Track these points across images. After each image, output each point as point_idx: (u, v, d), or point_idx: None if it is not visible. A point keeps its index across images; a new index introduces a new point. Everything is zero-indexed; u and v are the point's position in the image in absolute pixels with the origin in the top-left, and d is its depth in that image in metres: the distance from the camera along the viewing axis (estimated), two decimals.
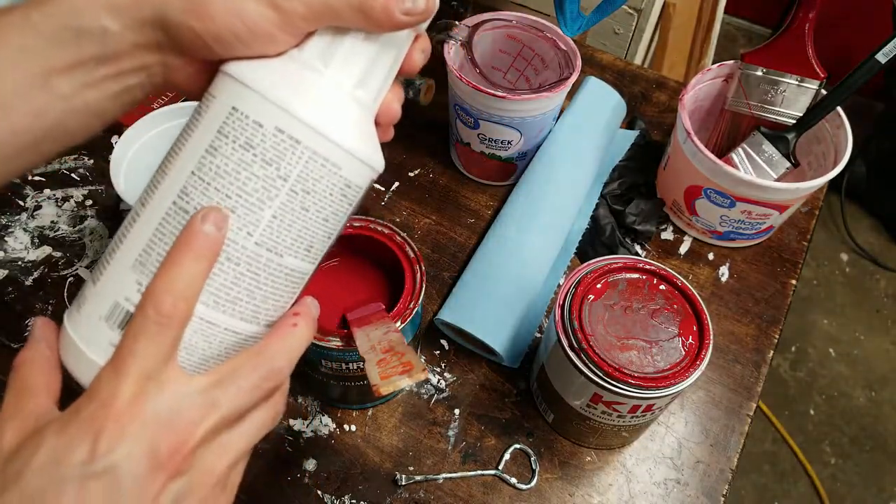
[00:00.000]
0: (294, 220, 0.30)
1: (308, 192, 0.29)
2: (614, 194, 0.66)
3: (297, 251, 0.30)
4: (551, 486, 0.51)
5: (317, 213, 0.30)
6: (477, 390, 0.55)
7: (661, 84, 0.77)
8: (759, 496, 1.30)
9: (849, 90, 0.56)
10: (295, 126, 0.28)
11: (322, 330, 0.44)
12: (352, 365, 0.46)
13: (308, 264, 0.32)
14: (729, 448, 0.53)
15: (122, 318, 0.28)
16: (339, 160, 0.30)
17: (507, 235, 0.58)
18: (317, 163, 0.29)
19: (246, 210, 0.29)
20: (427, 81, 0.69)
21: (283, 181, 0.29)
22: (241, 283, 0.29)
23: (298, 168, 0.29)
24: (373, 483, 0.50)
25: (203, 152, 0.29)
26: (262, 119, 0.28)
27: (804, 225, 0.67)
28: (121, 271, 0.29)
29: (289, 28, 0.28)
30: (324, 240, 0.32)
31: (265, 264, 0.30)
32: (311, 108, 0.29)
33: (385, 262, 0.50)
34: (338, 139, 0.29)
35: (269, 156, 0.28)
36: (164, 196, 0.29)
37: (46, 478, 0.24)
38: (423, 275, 0.47)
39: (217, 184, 0.28)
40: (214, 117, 0.29)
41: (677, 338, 0.45)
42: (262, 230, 0.29)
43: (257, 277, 0.30)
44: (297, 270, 0.31)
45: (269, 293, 0.30)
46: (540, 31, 0.62)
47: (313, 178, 0.29)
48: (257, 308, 0.30)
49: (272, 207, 0.29)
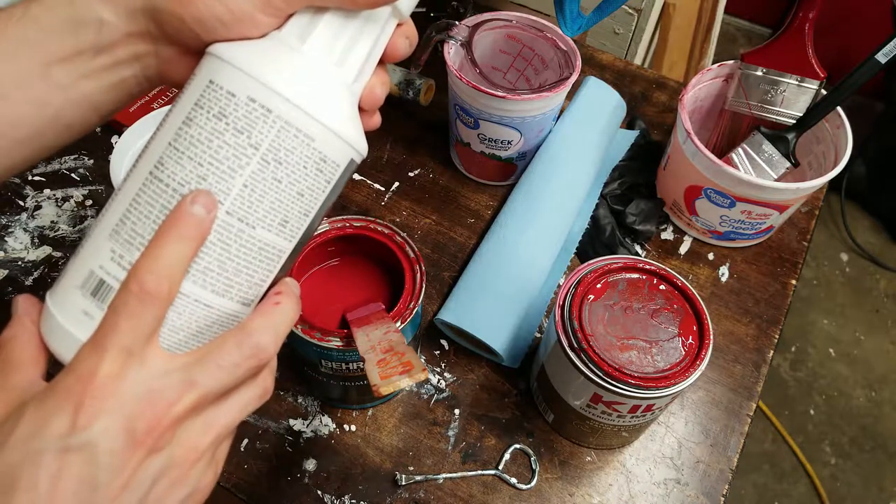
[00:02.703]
0: (266, 190, 0.30)
1: (280, 163, 0.29)
2: (614, 194, 0.66)
3: (270, 224, 0.30)
4: (551, 486, 0.51)
5: (290, 185, 0.30)
6: (477, 390, 0.55)
7: (661, 84, 0.77)
8: (759, 496, 1.30)
9: (849, 90, 0.56)
10: (267, 95, 0.29)
11: (322, 330, 0.44)
12: (352, 365, 0.46)
13: (283, 240, 0.31)
14: (729, 448, 0.53)
15: (96, 287, 0.29)
16: (312, 132, 0.30)
17: (507, 235, 0.58)
18: (289, 133, 0.29)
19: (217, 178, 0.29)
20: (427, 81, 0.69)
21: (255, 150, 0.29)
22: (211, 253, 0.29)
23: (270, 137, 0.29)
24: (373, 483, 0.50)
25: (180, 124, 0.29)
26: (234, 89, 0.29)
27: (804, 225, 0.67)
28: (97, 241, 0.29)
29: (269, 10, 0.29)
30: (300, 216, 0.31)
31: (236, 234, 0.30)
32: (283, 79, 0.29)
33: (385, 262, 0.50)
34: (310, 110, 0.29)
35: (241, 124, 0.29)
36: (143, 168, 0.30)
37: (24, 450, 0.24)
38: (423, 275, 0.47)
39: (190, 153, 0.29)
40: (193, 91, 0.29)
41: (677, 338, 0.45)
42: (233, 199, 0.29)
43: (228, 248, 0.30)
44: (271, 245, 0.31)
45: (241, 266, 0.30)
46: (540, 31, 0.62)
47: (285, 148, 0.29)
48: (230, 281, 0.30)
49: (243, 176, 0.29)
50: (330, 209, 0.34)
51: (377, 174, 0.67)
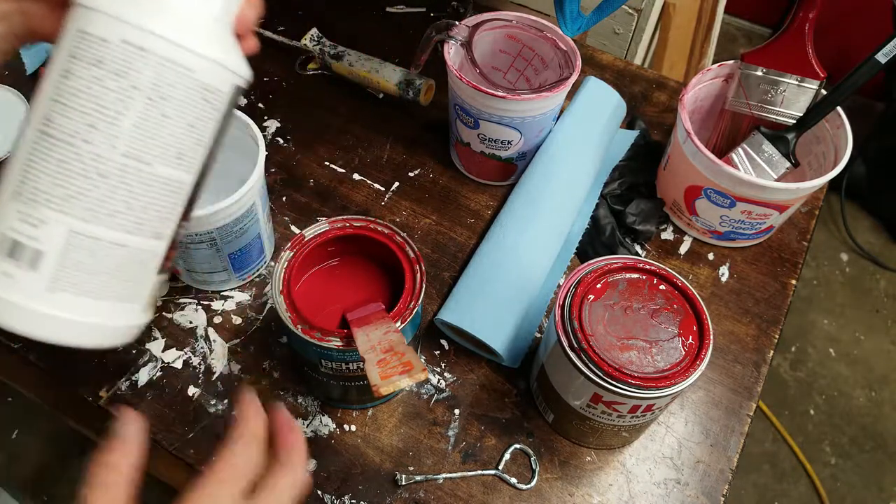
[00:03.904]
0: (157, 127, 0.30)
1: (165, 99, 0.30)
2: (614, 194, 0.66)
3: (167, 159, 0.31)
4: (551, 486, 0.51)
5: (179, 118, 0.31)
6: (477, 390, 0.55)
7: (661, 84, 0.77)
8: (760, 496, 1.30)
9: (849, 90, 0.56)
10: (138, 35, 0.29)
11: (322, 330, 0.44)
12: (352, 365, 0.46)
13: (183, 173, 0.32)
14: (729, 448, 0.53)
15: (10, 248, 0.30)
16: (189, 63, 0.30)
17: (507, 235, 0.58)
18: (167, 68, 0.30)
19: (106, 123, 0.30)
20: (427, 81, 0.69)
21: (137, 90, 0.30)
22: (116, 196, 0.30)
23: (150, 76, 0.30)
24: (373, 483, 0.50)
25: (59, 78, 0.30)
26: (106, 34, 0.29)
27: (804, 225, 0.67)
28: (2, 206, 0.31)
29: None
30: (194, 147, 0.32)
31: (136, 174, 0.31)
32: (153, 17, 0.30)
33: (385, 262, 0.50)
34: (184, 42, 0.30)
35: (119, 68, 0.29)
36: (32, 127, 0.30)
37: None
38: (423, 275, 0.47)
39: (74, 103, 0.29)
40: (66, 44, 0.30)
41: (677, 338, 0.45)
42: (126, 141, 0.30)
43: (131, 188, 0.31)
44: (172, 179, 0.32)
45: (148, 203, 0.31)
46: (540, 31, 0.62)
47: (167, 83, 0.30)
48: (139, 219, 0.31)
49: (131, 117, 0.30)
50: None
51: (377, 174, 0.67)
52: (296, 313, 0.45)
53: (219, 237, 0.51)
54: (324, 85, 0.74)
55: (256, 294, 0.58)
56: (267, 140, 0.69)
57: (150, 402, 0.53)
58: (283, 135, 0.70)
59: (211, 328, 0.56)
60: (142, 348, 0.55)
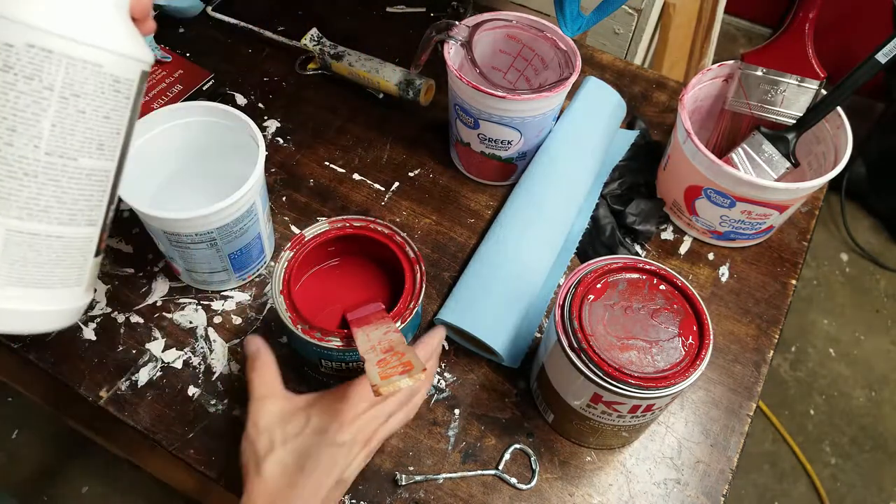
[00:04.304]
0: (75, 123, 0.32)
1: (79, 96, 0.31)
2: (614, 194, 0.66)
3: (89, 152, 0.33)
4: (551, 487, 0.51)
5: (95, 112, 0.32)
6: (477, 390, 0.55)
7: (661, 84, 0.77)
8: (760, 496, 1.30)
9: (849, 90, 0.56)
10: (43, 37, 0.30)
11: (322, 330, 0.44)
12: (352, 365, 0.46)
13: (106, 161, 0.34)
14: (729, 448, 0.53)
15: None
16: (97, 59, 0.31)
17: (507, 235, 0.58)
18: (76, 67, 0.31)
19: (26, 126, 0.30)
20: (427, 81, 0.69)
21: (50, 91, 0.30)
22: (46, 192, 0.32)
23: (61, 76, 0.31)
24: (373, 483, 0.50)
25: None
26: (11, 39, 0.30)
27: (804, 225, 0.67)
28: None
29: None
30: (113, 136, 0.34)
31: (62, 170, 0.32)
32: (54, 18, 0.30)
33: (385, 262, 0.50)
34: (89, 39, 0.31)
35: (29, 71, 0.30)
36: None
37: None
38: (423, 275, 0.47)
39: None
40: None
41: (677, 338, 0.45)
42: (48, 140, 0.31)
43: (59, 183, 0.32)
44: (97, 169, 0.33)
45: (78, 195, 0.33)
46: (540, 31, 0.62)
47: (78, 81, 0.31)
48: (72, 210, 0.33)
49: (49, 117, 0.31)
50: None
51: (377, 174, 0.67)
52: (296, 313, 0.45)
53: (219, 237, 0.51)
54: (324, 85, 0.74)
55: (256, 294, 0.58)
56: (267, 140, 0.69)
57: (149, 402, 0.53)
58: (283, 135, 0.70)
59: (211, 328, 0.56)
60: (142, 348, 0.55)
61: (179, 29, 0.78)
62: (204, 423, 0.52)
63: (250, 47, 0.77)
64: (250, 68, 0.75)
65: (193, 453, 0.51)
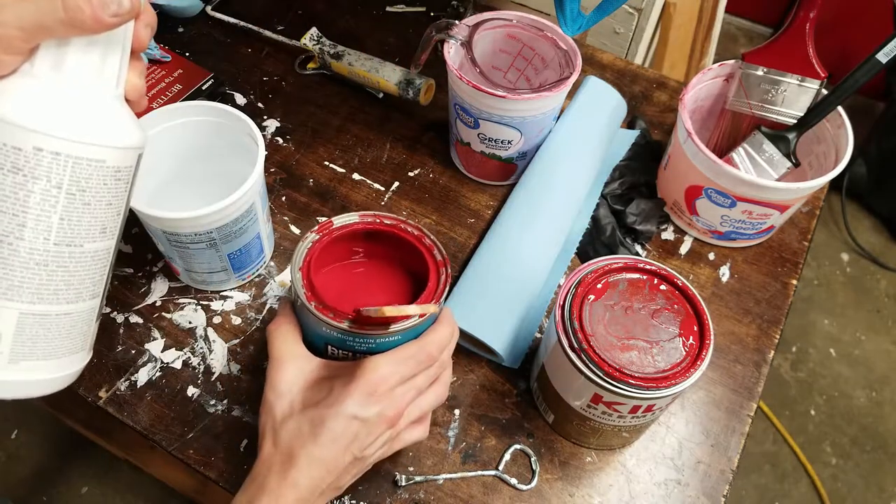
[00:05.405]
0: (81, 215, 0.34)
1: (84, 190, 0.33)
2: (615, 194, 0.65)
3: (93, 237, 0.35)
4: (551, 487, 0.51)
5: (98, 202, 0.34)
6: (477, 390, 0.55)
7: (662, 84, 0.77)
8: (760, 496, 1.30)
9: (849, 90, 0.56)
10: (49, 141, 0.32)
11: (335, 311, 0.44)
12: (358, 356, 0.46)
13: (108, 241, 0.36)
14: (729, 448, 0.53)
15: None
16: (101, 156, 0.33)
17: (507, 235, 0.58)
18: (81, 165, 0.33)
19: (35, 221, 0.33)
20: (427, 81, 0.69)
21: (58, 189, 0.33)
22: (56, 278, 0.34)
23: (67, 175, 0.33)
24: (373, 483, 0.50)
25: None
26: (19, 143, 0.32)
27: (805, 225, 0.67)
28: None
29: (11, 49, 0.31)
30: (114, 218, 0.36)
31: (69, 257, 0.34)
32: (58, 121, 0.32)
33: (411, 269, 0.49)
34: (93, 139, 0.33)
35: (38, 172, 0.32)
36: None
37: None
38: (448, 277, 0.46)
39: (4, 207, 0.32)
40: None
41: (678, 338, 0.45)
42: (56, 232, 0.33)
43: (67, 268, 0.34)
44: (100, 250, 0.36)
45: (84, 275, 0.35)
46: (540, 31, 0.62)
47: (84, 177, 0.33)
48: (78, 289, 0.35)
49: (57, 212, 0.33)
50: None
51: (377, 174, 0.67)
52: (312, 291, 0.44)
53: (218, 237, 0.50)
54: (324, 85, 0.74)
55: (256, 294, 0.58)
56: (266, 140, 0.69)
57: (149, 402, 0.52)
58: (282, 134, 0.70)
59: (210, 328, 0.56)
60: (141, 348, 0.55)
61: (179, 28, 0.78)
62: (203, 424, 0.52)
63: (250, 47, 0.77)
64: (250, 68, 0.75)
65: (193, 454, 0.51)
